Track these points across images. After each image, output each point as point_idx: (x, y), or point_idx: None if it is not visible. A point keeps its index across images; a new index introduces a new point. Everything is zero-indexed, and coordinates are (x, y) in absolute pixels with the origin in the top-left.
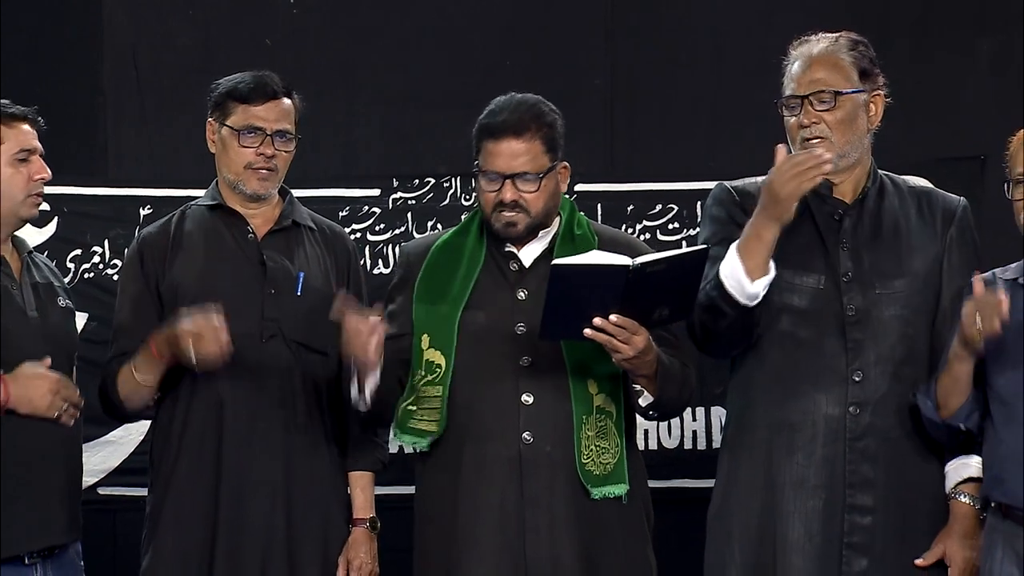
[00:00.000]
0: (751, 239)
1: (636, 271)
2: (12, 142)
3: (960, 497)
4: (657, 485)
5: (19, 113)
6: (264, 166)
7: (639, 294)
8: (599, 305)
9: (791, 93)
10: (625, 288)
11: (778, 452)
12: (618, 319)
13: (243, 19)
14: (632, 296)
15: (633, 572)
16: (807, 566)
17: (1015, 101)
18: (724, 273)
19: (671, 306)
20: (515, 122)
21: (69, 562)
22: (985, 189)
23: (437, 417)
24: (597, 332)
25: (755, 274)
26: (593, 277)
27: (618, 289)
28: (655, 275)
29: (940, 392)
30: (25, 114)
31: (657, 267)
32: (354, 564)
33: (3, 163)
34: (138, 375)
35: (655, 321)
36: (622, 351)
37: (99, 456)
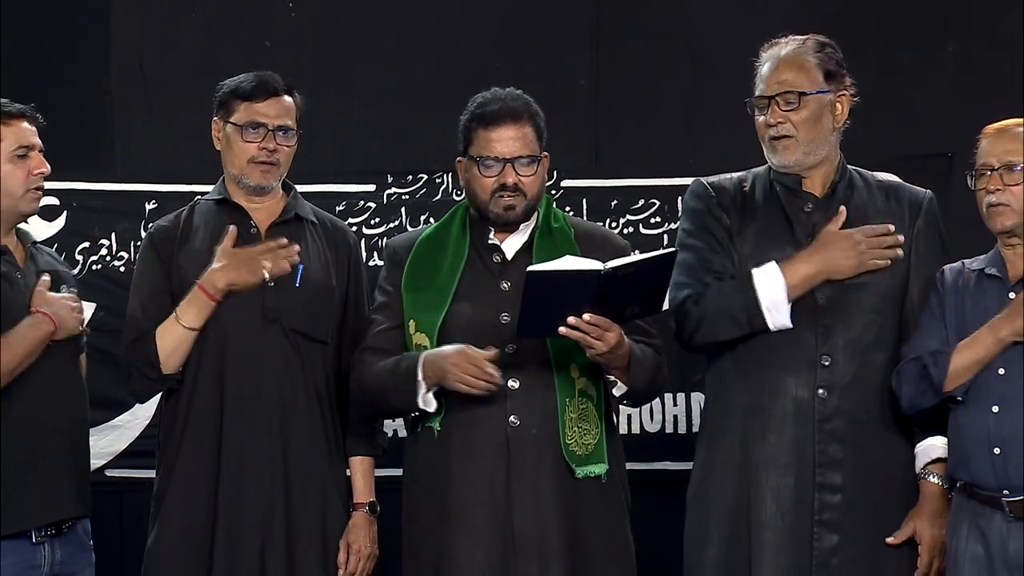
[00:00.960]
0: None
1: (608, 275)
2: (11, 139)
3: (929, 477)
4: (641, 467)
5: (16, 111)
6: (266, 160)
7: (611, 295)
8: (573, 305)
9: (759, 94)
10: (597, 290)
11: (752, 434)
12: (591, 318)
13: (244, 22)
14: (604, 297)
15: (613, 546)
16: (780, 541)
17: (980, 101)
18: (761, 291)
19: (641, 304)
20: (511, 110)
21: (77, 540)
22: (952, 185)
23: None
24: (571, 330)
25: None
26: (567, 281)
27: (590, 291)
28: (626, 277)
29: (956, 367)
30: (23, 111)
31: (628, 270)
32: (354, 547)
33: (3, 160)
34: (184, 322)
35: (626, 318)
36: (596, 347)
37: (106, 440)
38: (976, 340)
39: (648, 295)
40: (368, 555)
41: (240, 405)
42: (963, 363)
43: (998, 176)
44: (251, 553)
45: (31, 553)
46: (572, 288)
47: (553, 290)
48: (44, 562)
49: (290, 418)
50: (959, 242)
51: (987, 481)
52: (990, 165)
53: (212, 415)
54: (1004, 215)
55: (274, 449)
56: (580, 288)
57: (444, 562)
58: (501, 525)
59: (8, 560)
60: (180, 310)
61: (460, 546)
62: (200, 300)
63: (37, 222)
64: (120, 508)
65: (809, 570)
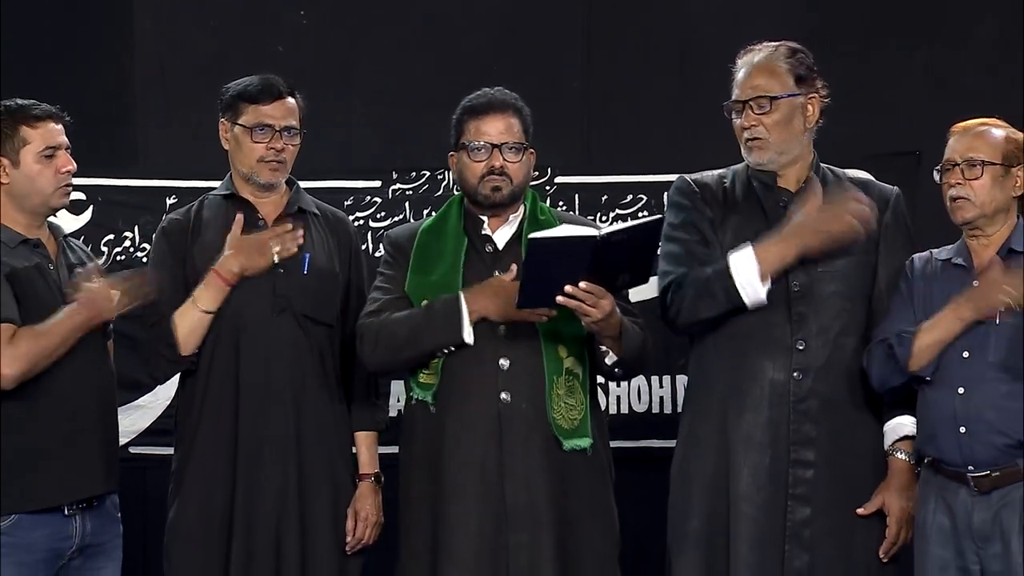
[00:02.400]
0: (774, 254)
1: (602, 240)
2: (38, 141)
3: (897, 454)
4: (629, 444)
5: (43, 113)
6: (275, 159)
7: (604, 262)
8: (569, 274)
9: (735, 98)
10: (592, 256)
11: (731, 413)
12: (587, 285)
13: (256, 29)
14: (598, 264)
15: (598, 514)
16: (756, 514)
17: (947, 103)
18: (738, 276)
19: (632, 272)
20: (500, 102)
21: (106, 513)
22: (920, 182)
23: (436, 370)
24: (568, 299)
25: (764, 282)
26: (565, 246)
27: (586, 258)
28: (618, 244)
29: (920, 346)
30: (50, 113)
31: (620, 236)
32: (361, 515)
33: (32, 160)
34: (200, 305)
35: (619, 287)
36: (591, 314)
37: (130, 419)
38: (938, 320)
39: (638, 263)
40: (375, 522)
41: (255, 386)
42: (927, 342)
43: (960, 171)
44: (268, 524)
45: (63, 525)
46: (570, 254)
47: (552, 256)
48: (75, 533)
49: (301, 397)
50: (926, 235)
51: (953, 458)
52: (953, 161)
53: (228, 396)
54: (964, 208)
55: (287, 426)
56: (577, 254)
57: (440, 530)
58: (493, 495)
59: (42, 531)
60: (197, 295)
61: (455, 515)
62: (215, 285)
63: (65, 215)
64: (143, 483)
65: (783, 541)
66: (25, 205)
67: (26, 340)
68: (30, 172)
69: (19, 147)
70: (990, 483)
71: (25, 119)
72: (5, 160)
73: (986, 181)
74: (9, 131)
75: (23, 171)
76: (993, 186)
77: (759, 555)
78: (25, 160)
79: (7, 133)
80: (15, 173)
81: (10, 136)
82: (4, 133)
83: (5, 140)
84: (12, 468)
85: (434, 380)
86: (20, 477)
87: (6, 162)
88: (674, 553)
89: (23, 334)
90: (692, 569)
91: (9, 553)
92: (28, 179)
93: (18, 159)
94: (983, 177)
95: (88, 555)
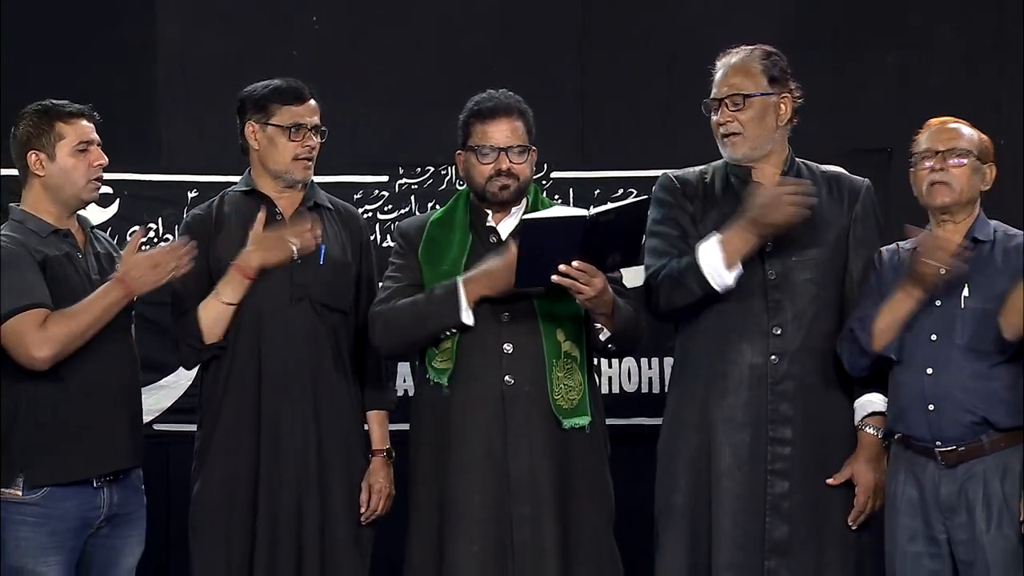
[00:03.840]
0: (739, 243)
1: (592, 220)
2: (72, 136)
3: (866, 428)
4: (620, 422)
5: (76, 111)
6: (307, 156)
7: (595, 242)
8: (563, 255)
9: (712, 96)
10: (583, 236)
11: (713, 395)
12: (579, 264)
13: (273, 33)
14: (589, 244)
15: (595, 488)
16: (737, 489)
17: (916, 102)
18: (705, 264)
19: (622, 252)
20: (506, 106)
21: (131, 486)
22: (891, 176)
23: (451, 356)
24: (563, 277)
25: (731, 268)
26: (557, 226)
27: (577, 237)
28: (607, 223)
29: (878, 328)
30: (83, 111)
31: (608, 216)
32: (375, 488)
33: (66, 155)
34: (223, 299)
35: (609, 266)
36: (584, 292)
37: (154, 398)
38: (892, 301)
39: (627, 243)
40: (387, 494)
41: (275, 369)
42: (884, 323)
43: (941, 157)
44: (290, 496)
45: (92, 496)
46: (562, 234)
47: (546, 236)
48: (103, 504)
49: (319, 379)
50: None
51: (922, 434)
52: (935, 149)
53: (251, 379)
54: (943, 192)
55: (306, 406)
56: (569, 234)
57: (447, 504)
58: (498, 471)
59: (73, 502)
60: (220, 288)
61: (462, 490)
62: (237, 279)
63: (94, 208)
64: (167, 457)
65: (763, 513)
66: (59, 197)
67: (58, 323)
68: (65, 165)
69: (55, 142)
70: (956, 457)
71: (60, 116)
72: (42, 154)
73: (967, 171)
74: (46, 127)
75: (58, 164)
76: (972, 175)
77: (740, 527)
78: (60, 154)
79: (44, 129)
80: (50, 166)
81: (47, 132)
82: (41, 129)
83: (42, 135)
84: (44, 444)
85: (449, 365)
86: (51, 453)
87: (42, 156)
88: (660, 525)
89: (55, 318)
90: (677, 541)
91: (43, 522)
92: (63, 172)
93: (54, 153)
94: (965, 167)
95: (115, 524)
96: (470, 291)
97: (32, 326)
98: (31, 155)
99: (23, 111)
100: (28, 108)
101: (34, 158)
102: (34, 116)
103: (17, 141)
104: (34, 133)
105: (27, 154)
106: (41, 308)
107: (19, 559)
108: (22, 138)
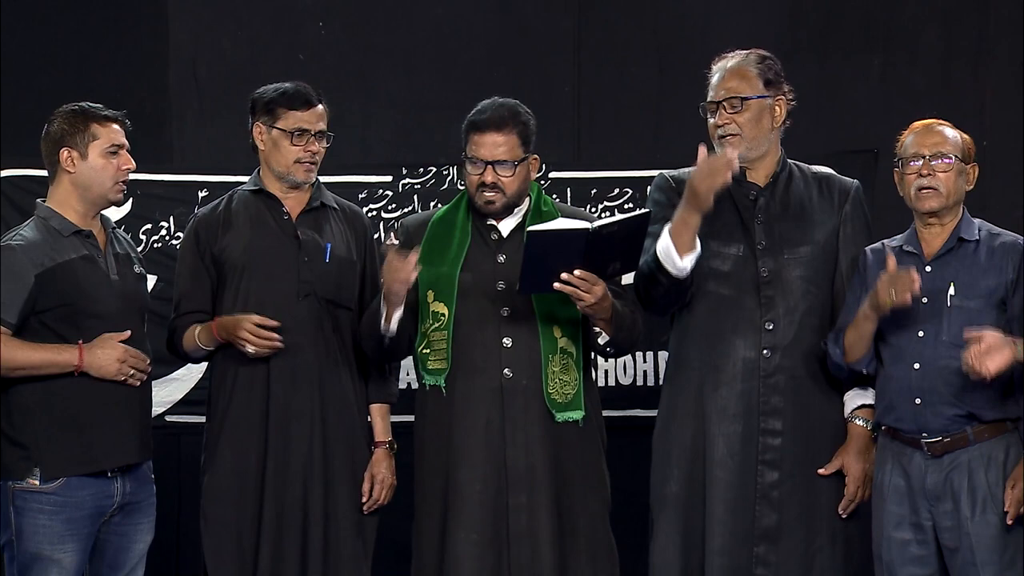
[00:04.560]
0: (679, 224)
1: (594, 232)
2: (104, 138)
3: (856, 420)
4: (616, 414)
5: (111, 115)
6: (309, 160)
7: (597, 252)
8: (565, 263)
9: (710, 99)
10: (585, 247)
11: (707, 387)
12: (581, 273)
13: (281, 39)
14: (591, 254)
15: (590, 479)
16: (729, 478)
17: (901, 105)
18: (659, 251)
19: (622, 260)
20: (497, 120)
21: (143, 475)
22: (877, 175)
23: (445, 356)
24: (564, 285)
25: (684, 252)
26: (560, 238)
27: (580, 248)
28: (609, 235)
29: (847, 343)
30: (116, 116)
31: (610, 229)
32: (377, 478)
33: (97, 155)
34: (200, 342)
35: (610, 274)
36: (585, 299)
37: (166, 390)
38: (856, 319)
39: (627, 252)
40: (389, 484)
41: (284, 363)
42: (851, 341)
43: (928, 163)
44: (296, 486)
45: (106, 486)
46: (565, 245)
47: (549, 247)
48: (116, 493)
49: (325, 372)
50: (883, 224)
51: (909, 426)
52: (921, 154)
53: (260, 372)
54: (931, 198)
55: (313, 399)
56: (571, 245)
57: (450, 491)
58: (496, 460)
59: (88, 491)
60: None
61: (463, 478)
62: (209, 333)
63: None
64: (178, 446)
65: (754, 502)
66: (86, 196)
67: (7, 347)
68: (95, 165)
69: (88, 142)
70: (942, 448)
71: (95, 118)
72: (74, 152)
73: (953, 174)
74: (81, 126)
75: (89, 163)
76: (957, 178)
77: (732, 515)
78: (92, 154)
79: (79, 128)
80: (82, 164)
81: (81, 131)
82: (76, 128)
83: (76, 134)
84: (59, 438)
85: (444, 365)
86: (67, 445)
87: (75, 154)
88: (655, 513)
89: (6, 342)
90: (671, 527)
91: (59, 511)
92: (92, 171)
93: (86, 152)
94: (951, 171)
95: (127, 512)
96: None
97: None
98: (63, 152)
99: (58, 110)
100: (63, 107)
101: (66, 155)
102: (69, 115)
103: (50, 137)
104: (68, 131)
105: (59, 151)
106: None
107: (37, 545)
108: (56, 135)
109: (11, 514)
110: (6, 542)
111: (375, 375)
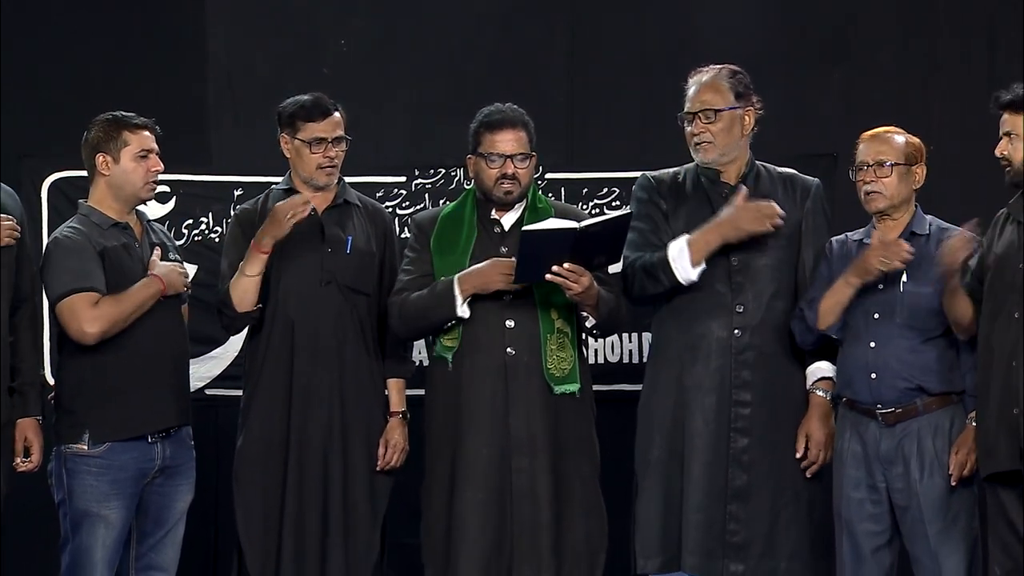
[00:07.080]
0: (702, 242)
1: (581, 231)
2: (135, 144)
3: (817, 391)
4: (605, 388)
5: (142, 123)
6: (329, 165)
7: (583, 248)
8: (556, 256)
9: (687, 111)
10: (574, 244)
11: (685, 364)
12: (569, 266)
13: (307, 52)
14: (578, 250)
15: (583, 445)
16: (705, 444)
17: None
18: (672, 257)
19: (606, 255)
20: (511, 119)
21: (182, 441)
22: (837, 177)
23: (456, 335)
24: (555, 276)
25: (696, 265)
26: (551, 236)
27: (568, 245)
28: (595, 234)
29: (822, 309)
30: (146, 123)
31: (595, 228)
32: (391, 443)
33: (128, 159)
34: (246, 272)
35: (596, 266)
36: (573, 289)
37: (205, 367)
38: (835, 287)
39: (611, 247)
40: (402, 448)
41: (306, 343)
42: (827, 306)
43: (872, 170)
44: (317, 451)
45: (148, 450)
46: (555, 242)
47: (541, 244)
48: (157, 456)
49: (344, 351)
50: (843, 219)
51: (865, 398)
52: (866, 162)
53: (285, 351)
54: (877, 200)
55: (332, 374)
56: (561, 242)
57: (458, 456)
58: (501, 428)
59: (131, 455)
60: (242, 265)
61: (470, 444)
62: (254, 254)
63: (154, 204)
64: (216, 418)
65: (727, 465)
66: (119, 195)
67: (107, 305)
68: (126, 168)
69: (120, 147)
70: (894, 418)
71: (127, 126)
72: (108, 157)
73: (894, 178)
74: (114, 134)
75: (121, 166)
76: (900, 182)
77: (708, 476)
78: (124, 158)
79: (112, 135)
80: (115, 168)
81: (114, 138)
82: (110, 135)
83: (110, 140)
84: (105, 406)
85: (455, 344)
86: (111, 412)
87: (109, 158)
88: (639, 476)
89: (106, 300)
90: (654, 488)
91: (105, 472)
92: (124, 173)
93: (118, 156)
94: (892, 175)
95: (168, 475)
96: (464, 288)
97: (86, 306)
98: (99, 156)
99: (95, 119)
100: (100, 117)
101: (101, 159)
102: (105, 124)
103: (88, 144)
104: (103, 138)
105: (96, 156)
106: (94, 292)
107: (85, 503)
108: (93, 141)
109: (63, 475)
110: (60, 500)
111: (392, 353)
